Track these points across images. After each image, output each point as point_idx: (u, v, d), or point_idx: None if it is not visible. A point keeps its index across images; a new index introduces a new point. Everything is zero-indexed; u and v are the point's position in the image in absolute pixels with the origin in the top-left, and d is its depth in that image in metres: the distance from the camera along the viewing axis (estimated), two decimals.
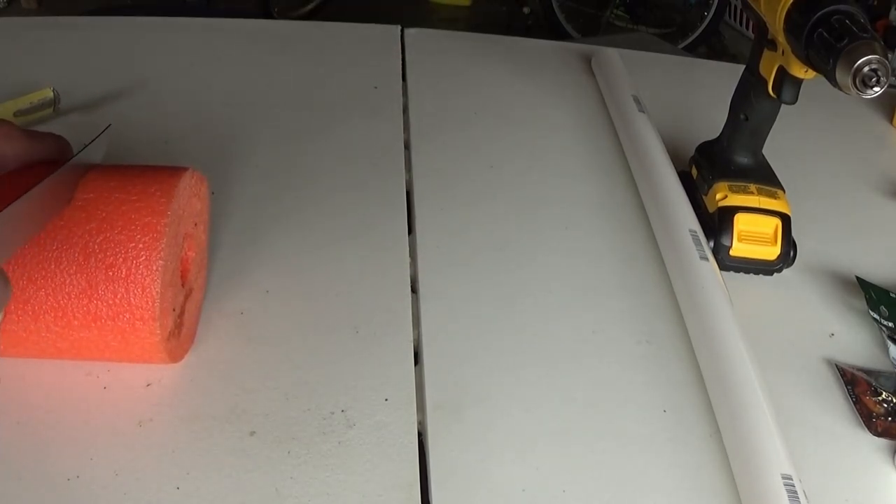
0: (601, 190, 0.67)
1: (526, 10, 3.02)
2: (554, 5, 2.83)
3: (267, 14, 2.69)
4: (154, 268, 0.40)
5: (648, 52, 0.94)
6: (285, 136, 0.68)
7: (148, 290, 0.40)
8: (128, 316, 0.40)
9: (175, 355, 0.45)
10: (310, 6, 2.87)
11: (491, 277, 0.56)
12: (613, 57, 0.82)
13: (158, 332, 0.41)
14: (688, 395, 0.49)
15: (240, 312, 0.50)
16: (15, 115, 0.64)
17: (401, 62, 0.82)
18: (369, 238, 0.58)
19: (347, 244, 0.57)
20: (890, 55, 0.43)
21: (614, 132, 0.74)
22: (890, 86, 0.44)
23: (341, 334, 0.50)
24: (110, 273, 0.40)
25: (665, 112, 0.76)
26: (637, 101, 0.73)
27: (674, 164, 0.65)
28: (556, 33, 2.80)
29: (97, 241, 0.40)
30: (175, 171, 0.44)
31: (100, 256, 0.40)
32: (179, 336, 0.45)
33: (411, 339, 0.50)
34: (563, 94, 0.80)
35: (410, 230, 0.60)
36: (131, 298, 0.40)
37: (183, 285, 0.46)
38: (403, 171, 0.66)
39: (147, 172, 0.43)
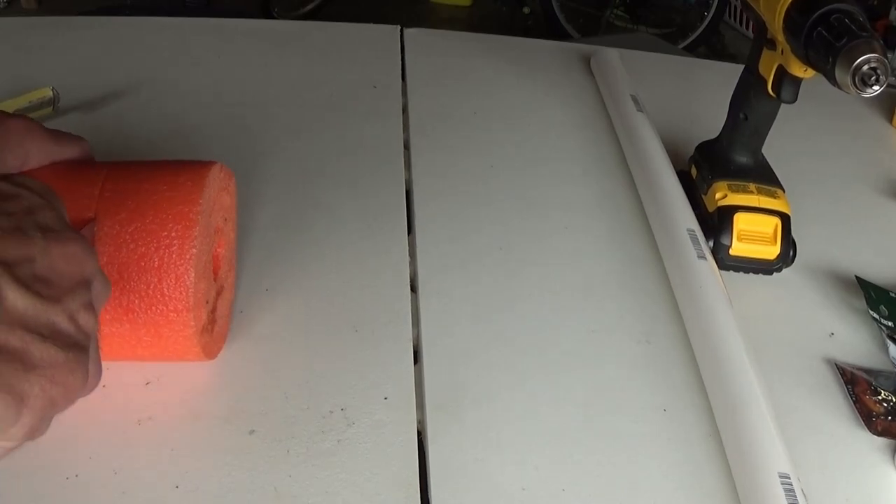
0: (600, 190, 0.67)
1: (526, 10, 3.01)
2: (554, 5, 2.83)
3: (267, 14, 2.69)
4: (187, 256, 0.39)
5: (648, 52, 0.94)
6: (285, 136, 0.68)
7: (181, 278, 0.39)
8: (161, 307, 0.39)
9: (209, 351, 0.44)
10: (310, 6, 2.86)
11: (490, 277, 0.56)
12: (613, 57, 0.82)
13: (193, 323, 0.40)
14: (687, 395, 0.49)
15: (239, 311, 0.50)
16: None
17: (401, 62, 0.82)
18: (369, 237, 0.58)
19: (347, 243, 0.57)
20: (889, 54, 0.43)
21: (614, 132, 0.74)
22: (889, 85, 0.44)
23: (341, 333, 0.50)
24: (142, 263, 0.39)
25: (665, 112, 0.76)
26: (636, 100, 0.73)
27: (673, 163, 0.65)
28: (556, 33, 2.80)
29: (128, 230, 0.39)
30: (204, 163, 0.43)
31: (131, 247, 0.39)
32: (212, 332, 0.44)
33: (411, 338, 0.50)
34: (563, 94, 0.80)
35: (410, 230, 0.60)
36: (164, 289, 0.39)
37: (214, 281, 0.45)
38: (403, 171, 0.66)
39: (175, 164, 0.43)
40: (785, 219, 0.58)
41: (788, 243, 0.58)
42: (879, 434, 0.47)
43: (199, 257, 0.40)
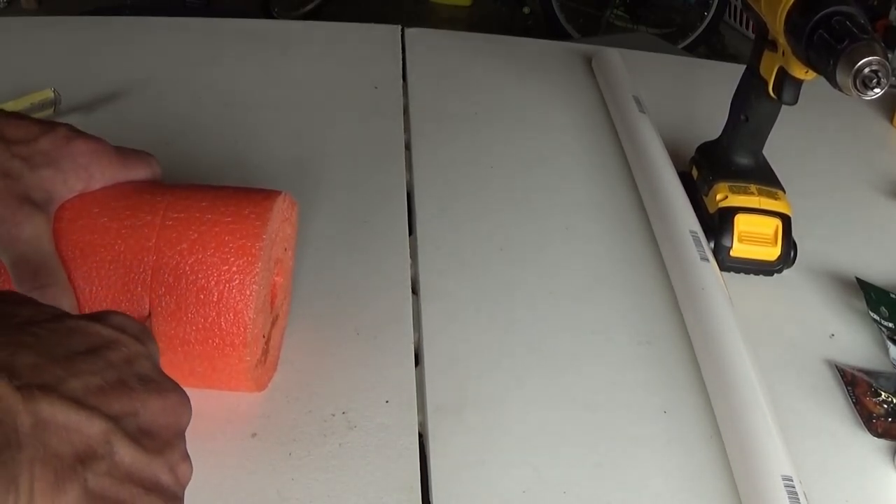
0: (601, 190, 0.66)
1: (526, 10, 3.01)
2: (554, 5, 2.82)
3: (267, 14, 2.69)
4: (248, 293, 0.39)
5: (648, 52, 0.94)
6: (285, 136, 0.68)
7: (240, 315, 0.39)
8: (217, 341, 0.39)
9: (260, 383, 0.44)
10: (310, 6, 2.86)
11: (491, 278, 0.56)
12: (614, 57, 0.82)
13: (248, 358, 0.40)
14: (688, 396, 0.49)
15: None
16: None
17: (401, 62, 0.82)
18: (370, 239, 0.58)
19: (347, 244, 0.57)
20: (890, 56, 0.43)
21: (614, 132, 0.74)
22: (890, 86, 0.44)
23: (342, 336, 0.50)
24: (202, 296, 0.38)
25: (665, 112, 0.76)
26: (637, 101, 0.73)
27: (674, 164, 0.65)
28: (556, 33, 2.80)
29: (188, 262, 0.39)
30: (269, 194, 0.42)
31: (191, 278, 0.38)
32: (265, 363, 0.44)
33: (412, 340, 0.50)
34: (563, 94, 0.80)
35: (411, 230, 0.59)
36: (222, 323, 0.39)
37: (270, 311, 0.45)
38: (403, 171, 0.66)
39: (239, 193, 0.42)
40: (786, 220, 0.58)
41: (789, 244, 0.58)
42: (880, 436, 0.47)
43: (259, 292, 0.40)
